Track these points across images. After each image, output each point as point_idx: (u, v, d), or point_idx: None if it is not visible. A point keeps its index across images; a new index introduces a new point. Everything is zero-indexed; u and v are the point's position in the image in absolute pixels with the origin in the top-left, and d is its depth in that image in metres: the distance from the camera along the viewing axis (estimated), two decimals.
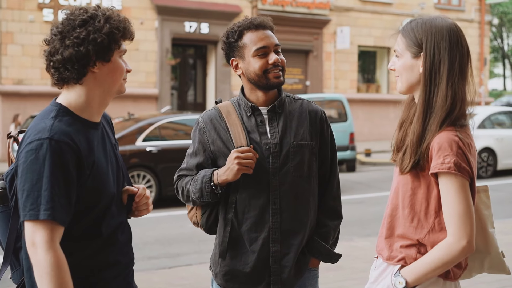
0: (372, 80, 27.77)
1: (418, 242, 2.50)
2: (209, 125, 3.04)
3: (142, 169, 12.06)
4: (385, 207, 2.71)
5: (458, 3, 28.73)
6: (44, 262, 2.22)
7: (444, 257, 2.40)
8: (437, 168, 2.39)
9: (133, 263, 2.68)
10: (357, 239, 8.66)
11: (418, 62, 2.51)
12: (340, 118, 16.48)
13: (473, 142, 2.49)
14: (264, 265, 2.99)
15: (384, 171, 17.88)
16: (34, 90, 19.32)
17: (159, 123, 12.66)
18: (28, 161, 2.27)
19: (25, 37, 19.51)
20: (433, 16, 2.57)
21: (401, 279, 2.46)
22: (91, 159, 2.38)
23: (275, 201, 2.96)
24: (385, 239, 2.61)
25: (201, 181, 2.97)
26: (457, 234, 2.38)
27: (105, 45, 2.38)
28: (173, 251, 8.56)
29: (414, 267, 2.46)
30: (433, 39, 2.47)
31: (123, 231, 2.60)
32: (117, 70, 2.47)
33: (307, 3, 24.44)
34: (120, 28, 2.43)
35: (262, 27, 2.99)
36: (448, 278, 2.49)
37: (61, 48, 2.39)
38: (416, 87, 2.55)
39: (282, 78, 2.99)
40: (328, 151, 3.12)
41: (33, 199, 2.24)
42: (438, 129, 2.44)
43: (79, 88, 2.43)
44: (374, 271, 2.67)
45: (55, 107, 2.42)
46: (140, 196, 2.63)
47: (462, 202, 2.38)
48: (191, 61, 24.64)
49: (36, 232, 2.24)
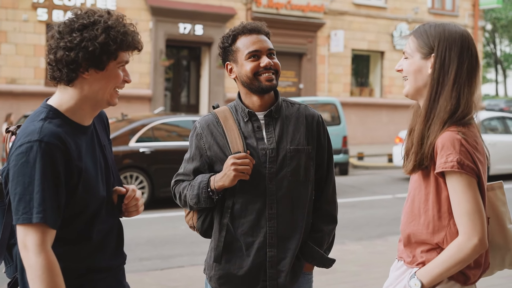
0: (365, 84, 27.82)
1: (438, 246, 2.52)
2: (206, 130, 3.04)
3: (135, 170, 12.03)
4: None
5: (451, 8, 28.83)
6: (35, 265, 2.21)
7: (456, 256, 2.42)
8: (441, 167, 2.41)
9: (124, 263, 2.67)
10: (349, 243, 8.67)
11: (427, 64, 2.54)
12: (333, 122, 16.49)
13: (479, 139, 2.51)
14: (258, 269, 2.99)
15: (376, 175, 17.91)
16: (27, 90, 19.28)
17: (153, 124, 12.64)
18: (18, 164, 2.26)
19: (18, 36, 19.47)
20: (446, 22, 2.62)
21: (417, 281, 2.49)
22: (80, 165, 2.37)
23: (272, 206, 2.96)
24: (405, 247, 2.64)
25: (198, 187, 2.97)
26: (467, 232, 2.40)
27: (96, 54, 2.34)
28: (165, 253, 8.54)
29: (428, 268, 2.49)
30: (445, 42, 2.51)
31: (114, 234, 2.58)
32: (110, 79, 2.43)
33: (302, 6, 24.47)
34: (118, 40, 2.38)
35: (255, 31, 3.00)
36: (468, 283, 2.52)
37: (55, 48, 2.37)
38: (423, 91, 2.57)
39: (275, 82, 2.99)
40: (324, 156, 3.12)
41: (26, 203, 2.23)
42: (440, 129, 2.46)
43: (71, 91, 2.42)
44: (394, 272, 2.71)
45: (45, 109, 2.40)
46: (129, 198, 2.61)
47: (470, 200, 2.40)
48: (185, 62, 24.63)
49: (28, 236, 2.23)
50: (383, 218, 10.94)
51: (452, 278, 2.49)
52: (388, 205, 12.50)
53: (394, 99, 27.02)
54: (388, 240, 8.89)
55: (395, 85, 27.07)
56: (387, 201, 13.00)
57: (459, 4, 28.81)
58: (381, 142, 25.92)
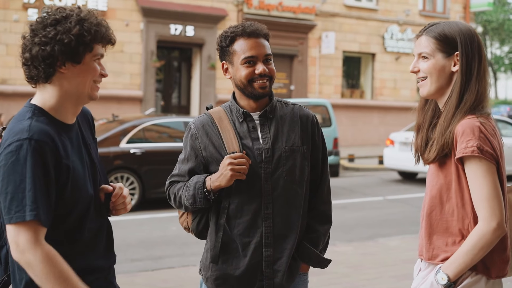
0: (356, 85, 27.87)
1: (461, 234, 2.56)
2: (201, 131, 3.04)
3: (126, 171, 12.00)
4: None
5: (442, 10, 28.92)
6: (34, 261, 2.21)
7: (478, 242, 2.46)
8: (461, 153, 2.47)
9: (114, 263, 2.67)
10: (339, 244, 8.68)
11: (450, 62, 2.63)
12: (324, 123, 16.51)
13: (497, 130, 2.59)
14: (255, 269, 2.99)
15: (367, 176, 17.95)
16: (18, 90, 19.20)
17: (144, 125, 12.62)
18: (9, 163, 2.25)
19: (9, 37, 19.39)
20: (453, 20, 2.74)
21: (443, 274, 2.54)
22: (68, 163, 2.36)
23: (268, 206, 2.97)
24: (425, 240, 2.69)
25: (194, 187, 2.97)
26: (487, 217, 2.46)
27: (72, 46, 2.35)
28: (156, 254, 8.53)
29: (452, 260, 2.53)
30: (466, 39, 2.62)
31: (105, 233, 2.58)
32: (88, 72, 2.43)
33: (293, 8, 24.49)
34: (92, 31, 2.39)
35: (254, 35, 2.99)
36: (493, 276, 2.56)
37: (30, 46, 2.37)
38: (445, 89, 2.66)
39: (268, 89, 2.99)
40: (319, 156, 3.13)
41: (18, 201, 2.22)
42: (461, 118, 2.54)
43: (50, 88, 2.42)
44: (419, 273, 2.75)
45: (30, 108, 2.40)
46: (116, 196, 2.61)
47: (489, 185, 2.46)
48: (176, 63, 24.61)
49: (20, 234, 2.22)
50: (374, 220, 10.96)
51: (478, 271, 2.54)
52: (379, 206, 12.54)
53: (384, 101, 27.08)
54: (378, 242, 8.92)
55: (386, 87, 27.14)
56: (377, 203, 13.02)
57: (450, 7, 28.91)
58: (372, 144, 25.98)
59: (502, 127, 17.08)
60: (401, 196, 13.51)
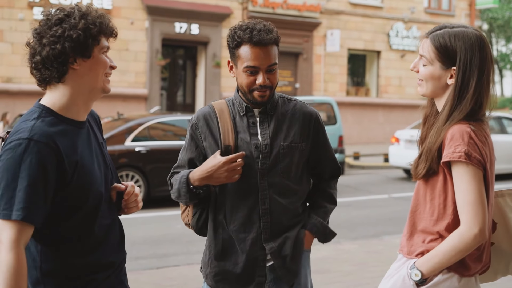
0: (361, 83, 27.84)
1: (439, 235, 2.55)
2: (202, 121, 3.06)
3: (131, 169, 12.03)
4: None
5: (448, 8, 28.85)
6: (4, 261, 2.20)
7: (457, 245, 2.46)
8: (448, 157, 2.46)
9: (125, 261, 2.69)
10: (344, 242, 8.67)
11: (447, 74, 2.59)
12: (329, 121, 16.49)
13: (489, 136, 2.57)
14: (254, 265, 3.01)
15: (372, 174, 17.94)
16: (24, 89, 19.25)
17: (149, 123, 12.62)
18: (5, 160, 2.27)
19: (15, 35, 19.43)
20: (463, 27, 2.62)
21: (417, 271, 2.53)
22: (74, 159, 2.38)
23: (265, 201, 2.98)
24: (407, 236, 2.68)
25: (179, 181, 3.01)
26: (469, 222, 2.44)
27: (81, 40, 2.37)
28: (161, 252, 8.54)
29: (428, 258, 2.53)
30: (466, 56, 2.54)
31: (116, 230, 2.61)
32: (99, 65, 2.46)
33: (298, 6, 24.47)
34: (97, 23, 2.42)
35: (261, 44, 2.91)
36: (465, 274, 2.55)
37: (39, 48, 2.39)
38: (441, 93, 2.64)
39: (267, 98, 2.98)
40: (322, 152, 3.15)
41: (7, 199, 2.24)
42: (452, 124, 2.53)
43: (62, 87, 2.43)
44: (394, 264, 2.75)
45: (38, 109, 2.42)
46: (129, 194, 2.64)
47: (474, 191, 2.44)
48: (181, 62, 24.62)
49: (3, 231, 2.23)
50: (379, 218, 10.95)
51: (451, 269, 2.53)
52: (384, 204, 12.52)
53: (390, 99, 27.05)
54: (383, 240, 8.91)
55: (391, 85, 27.10)
56: (382, 201, 13.01)
57: (456, 4, 28.84)
58: (377, 142, 25.95)
59: (507, 125, 17.05)
60: (406, 194, 13.48)
